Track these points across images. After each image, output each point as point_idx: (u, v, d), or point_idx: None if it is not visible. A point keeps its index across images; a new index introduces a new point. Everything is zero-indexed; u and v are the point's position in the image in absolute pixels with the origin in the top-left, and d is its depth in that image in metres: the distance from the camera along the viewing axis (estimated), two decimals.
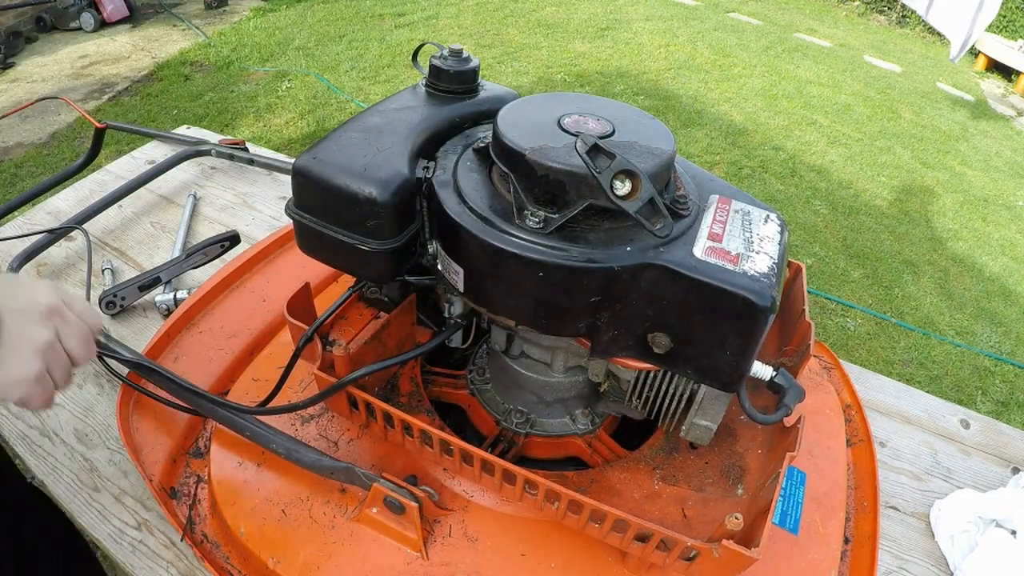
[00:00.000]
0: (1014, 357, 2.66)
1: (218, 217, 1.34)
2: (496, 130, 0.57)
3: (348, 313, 0.72)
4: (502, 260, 0.54)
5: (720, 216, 0.58)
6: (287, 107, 3.84)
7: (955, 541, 0.82)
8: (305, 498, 0.73)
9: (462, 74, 0.70)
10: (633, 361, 0.60)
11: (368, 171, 0.58)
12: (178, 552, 0.77)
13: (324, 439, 0.78)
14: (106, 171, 1.47)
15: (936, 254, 3.23)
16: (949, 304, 2.92)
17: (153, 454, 0.82)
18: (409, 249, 0.63)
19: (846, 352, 2.59)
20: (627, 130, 0.58)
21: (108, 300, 1.06)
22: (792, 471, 0.80)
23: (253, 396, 0.83)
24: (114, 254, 1.23)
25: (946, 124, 4.52)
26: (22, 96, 3.78)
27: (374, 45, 4.70)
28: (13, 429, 0.92)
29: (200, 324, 0.98)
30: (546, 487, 0.59)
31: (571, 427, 0.81)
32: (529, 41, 4.88)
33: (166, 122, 3.62)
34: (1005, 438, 1.00)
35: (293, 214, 0.62)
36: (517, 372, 0.77)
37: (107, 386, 0.98)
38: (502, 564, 0.68)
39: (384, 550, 0.69)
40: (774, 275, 0.53)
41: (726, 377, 0.57)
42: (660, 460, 0.76)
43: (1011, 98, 5.20)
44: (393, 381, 0.82)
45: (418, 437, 0.66)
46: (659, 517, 0.70)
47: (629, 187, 0.52)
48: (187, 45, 4.59)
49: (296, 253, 0.69)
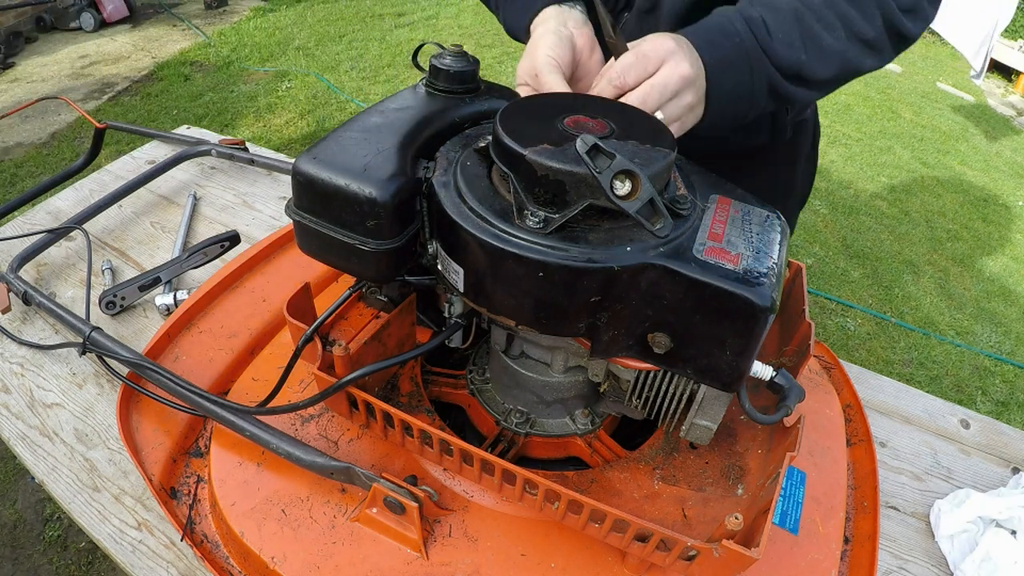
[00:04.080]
0: (1014, 357, 2.66)
1: (218, 217, 1.34)
2: (496, 130, 0.57)
3: (348, 313, 0.72)
4: (502, 260, 0.54)
5: (720, 216, 0.58)
6: (287, 107, 3.84)
7: (955, 541, 0.82)
8: (305, 498, 0.73)
9: (462, 74, 0.70)
10: (633, 361, 0.60)
11: (368, 171, 0.58)
12: (178, 552, 0.77)
13: (324, 439, 0.78)
14: (106, 171, 1.47)
15: (936, 254, 3.24)
16: (949, 304, 2.92)
17: (153, 454, 0.82)
18: (409, 249, 0.63)
19: (846, 352, 2.60)
20: (627, 130, 0.58)
21: (108, 300, 1.06)
22: (792, 471, 0.80)
23: (253, 396, 0.83)
24: (114, 254, 1.23)
25: (946, 124, 4.53)
26: (22, 96, 3.78)
27: (374, 45, 4.70)
28: (13, 429, 0.92)
29: (200, 324, 0.98)
30: (546, 487, 0.59)
31: (571, 427, 0.81)
32: None
33: (166, 122, 3.62)
34: (1005, 438, 1.00)
35: (293, 214, 0.63)
36: (517, 372, 0.77)
37: (107, 386, 0.98)
38: (502, 564, 0.68)
39: (384, 550, 0.69)
40: (774, 275, 0.53)
41: (726, 377, 0.57)
42: (660, 460, 0.76)
43: (1011, 98, 5.20)
44: (393, 381, 0.82)
45: (418, 437, 0.66)
46: (659, 517, 0.70)
47: (629, 187, 0.52)
48: (187, 45, 4.59)
49: (296, 253, 0.69)
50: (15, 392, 0.96)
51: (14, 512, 1.83)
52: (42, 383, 0.98)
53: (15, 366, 1.00)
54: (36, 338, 1.05)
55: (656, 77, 0.64)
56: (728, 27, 0.70)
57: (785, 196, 1.13)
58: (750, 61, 0.69)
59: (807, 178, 1.17)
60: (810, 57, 0.71)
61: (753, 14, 0.71)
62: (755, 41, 0.70)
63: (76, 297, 1.14)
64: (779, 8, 0.71)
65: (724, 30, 0.70)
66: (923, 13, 0.76)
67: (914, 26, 0.76)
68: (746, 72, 0.69)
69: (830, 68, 0.73)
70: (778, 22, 0.71)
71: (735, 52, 0.69)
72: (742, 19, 0.70)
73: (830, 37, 0.71)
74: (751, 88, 0.70)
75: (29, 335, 1.05)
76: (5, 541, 1.76)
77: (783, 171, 1.09)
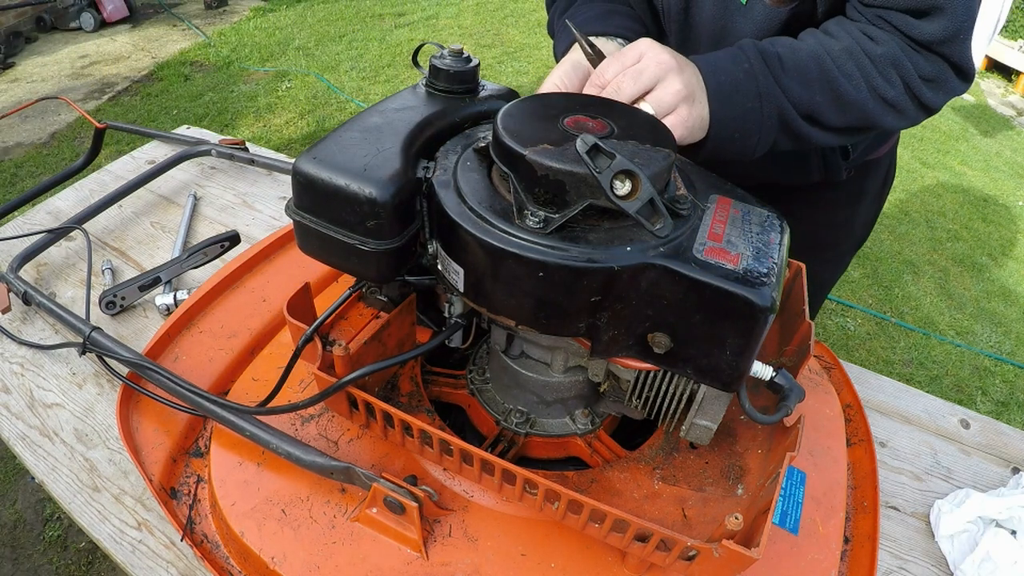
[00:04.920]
0: (1014, 357, 2.66)
1: (218, 217, 1.34)
2: (496, 130, 0.57)
3: (348, 313, 0.72)
4: (502, 260, 0.54)
5: (720, 216, 0.58)
6: (287, 107, 3.84)
7: (955, 541, 0.82)
8: (305, 498, 0.73)
9: (462, 74, 0.70)
10: (633, 361, 0.60)
11: (368, 171, 0.58)
12: (178, 552, 0.77)
13: (324, 439, 0.78)
14: (106, 171, 1.47)
15: (936, 254, 3.23)
16: (949, 304, 2.92)
17: (153, 454, 0.82)
18: (409, 249, 0.63)
19: (846, 352, 2.60)
20: (627, 130, 0.58)
21: (108, 300, 1.06)
22: (792, 471, 0.80)
23: (253, 396, 0.83)
24: (114, 254, 1.23)
25: (946, 124, 4.53)
26: (22, 96, 3.79)
27: (374, 45, 4.70)
28: (13, 429, 0.92)
29: (200, 324, 0.98)
30: (546, 487, 0.59)
31: (571, 427, 0.81)
32: (529, 41, 4.88)
33: (166, 122, 3.62)
34: (1005, 438, 1.00)
35: (293, 214, 0.63)
36: (517, 372, 0.77)
37: (107, 386, 0.98)
38: (502, 564, 0.68)
39: (384, 550, 0.69)
40: (774, 275, 0.53)
41: (726, 377, 0.57)
42: (660, 460, 0.76)
43: (1011, 98, 5.20)
44: (393, 381, 0.82)
45: (418, 437, 0.66)
46: (659, 517, 0.70)
47: (629, 187, 0.52)
48: (187, 45, 4.59)
49: (296, 253, 0.69)
50: (15, 392, 0.96)
51: (14, 512, 1.83)
52: (42, 383, 0.98)
53: (15, 366, 1.00)
54: (36, 338, 1.05)
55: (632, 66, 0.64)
56: (738, 54, 0.70)
57: (843, 233, 1.09)
58: (758, 87, 0.68)
59: (868, 220, 1.13)
60: (824, 100, 0.70)
61: (769, 48, 0.70)
62: (767, 71, 0.69)
63: (76, 297, 1.14)
64: (798, 49, 0.71)
65: (734, 57, 0.70)
66: (947, 85, 0.73)
67: (935, 96, 0.73)
68: (754, 98, 0.68)
69: (846, 117, 0.72)
70: (795, 61, 0.70)
71: (744, 76, 0.68)
72: (756, 51, 0.70)
73: (848, 86, 0.70)
74: (759, 116, 0.69)
75: (29, 335, 1.05)
76: (5, 541, 1.76)
77: (843, 211, 1.06)
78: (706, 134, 0.69)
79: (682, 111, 0.65)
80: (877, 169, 1.05)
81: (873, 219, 1.14)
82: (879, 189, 1.09)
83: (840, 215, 1.06)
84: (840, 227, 1.08)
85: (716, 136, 0.69)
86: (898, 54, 0.70)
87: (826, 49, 0.71)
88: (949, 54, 0.71)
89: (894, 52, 0.70)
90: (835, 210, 1.05)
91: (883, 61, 0.70)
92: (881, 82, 0.71)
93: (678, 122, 0.65)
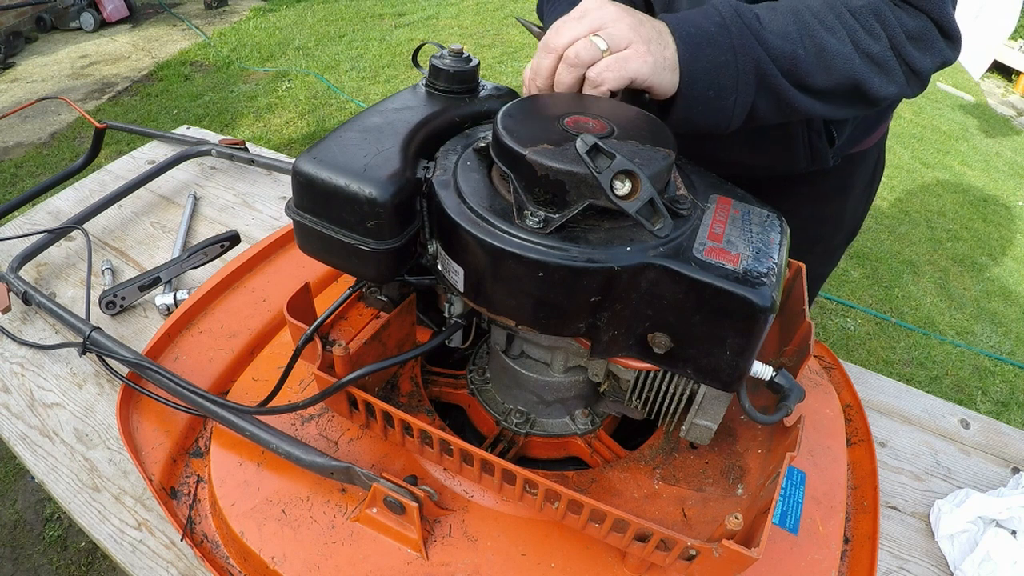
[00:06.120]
0: (1014, 357, 2.66)
1: (218, 217, 1.34)
2: (496, 130, 0.57)
3: (348, 313, 0.72)
4: (502, 260, 0.54)
5: (720, 216, 0.58)
6: (287, 107, 3.84)
7: (955, 541, 0.82)
8: (305, 498, 0.73)
9: (462, 74, 0.70)
10: (633, 361, 0.60)
11: (368, 171, 0.58)
12: (178, 552, 0.77)
13: (324, 439, 0.78)
14: (106, 171, 1.47)
15: (936, 254, 3.23)
16: (949, 304, 2.92)
17: (153, 454, 0.82)
18: (409, 249, 0.63)
19: (846, 352, 2.60)
20: (627, 130, 0.58)
21: (108, 300, 1.06)
22: (792, 471, 0.80)
23: (253, 396, 0.83)
24: (114, 254, 1.24)
25: (946, 124, 4.53)
26: (22, 96, 3.78)
27: (374, 45, 4.70)
28: (13, 429, 0.92)
29: (200, 324, 0.98)
30: (546, 487, 0.59)
31: (571, 427, 0.81)
32: (529, 41, 4.88)
33: (166, 122, 3.62)
34: (1005, 438, 1.00)
35: (293, 214, 0.63)
36: (517, 372, 0.77)
37: (107, 386, 0.98)
38: (502, 564, 0.68)
39: (384, 550, 0.69)
40: (774, 275, 0.53)
41: (726, 377, 0.57)
42: (660, 460, 0.76)
43: (1011, 98, 5.20)
44: (393, 381, 0.82)
45: (418, 437, 0.66)
46: (659, 517, 0.70)
47: (629, 187, 0.52)
48: (187, 45, 4.59)
49: (296, 253, 0.69)
50: (15, 392, 0.96)
51: (14, 512, 1.83)
52: (42, 383, 0.98)
53: (15, 366, 1.00)
54: (36, 338, 1.05)
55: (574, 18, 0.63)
56: (709, 10, 0.66)
57: (832, 226, 1.09)
58: (732, 40, 0.65)
59: (858, 215, 1.12)
60: (808, 54, 0.67)
61: (744, 6, 0.67)
62: (742, 23, 0.65)
63: (76, 297, 1.14)
64: (776, 6, 0.69)
65: (704, 12, 0.66)
66: (934, 45, 0.71)
67: (922, 57, 0.71)
68: (727, 50, 0.64)
69: (832, 74, 0.69)
70: (772, 16, 0.67)
71: (715, 29, 0.65)
72: (730, 7, 0.67)
73: (832, 39, 0.68)
74: (734, 70, 0.65)
75: (29, 335, 1.05)
76: (5, 541, 1.76)
77: (831, 205, 1.05)
78: (676, 89, 0.65)
79: (639, 47, 0.62)
80: (865, 162, 1.05)
81: (863, 213, 1.14)
82: (867, 183, 1.09)
83: (828, 209, 1.06)
84: (829, 221, 1.08)
85: (688, 93, 0.65)
86: (880, 5, 0.69)
87: (805, 4, 0.68)
88: (930, 9, 0.69)
89: (876, 3, 0.69)
90: (824, 204, 1.05)
91: (865, 12, 0.68)
92: (864, 36, 0.69)
93: (635, 56, 0.61)
